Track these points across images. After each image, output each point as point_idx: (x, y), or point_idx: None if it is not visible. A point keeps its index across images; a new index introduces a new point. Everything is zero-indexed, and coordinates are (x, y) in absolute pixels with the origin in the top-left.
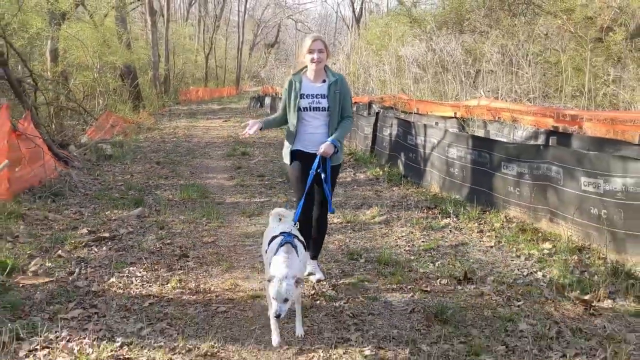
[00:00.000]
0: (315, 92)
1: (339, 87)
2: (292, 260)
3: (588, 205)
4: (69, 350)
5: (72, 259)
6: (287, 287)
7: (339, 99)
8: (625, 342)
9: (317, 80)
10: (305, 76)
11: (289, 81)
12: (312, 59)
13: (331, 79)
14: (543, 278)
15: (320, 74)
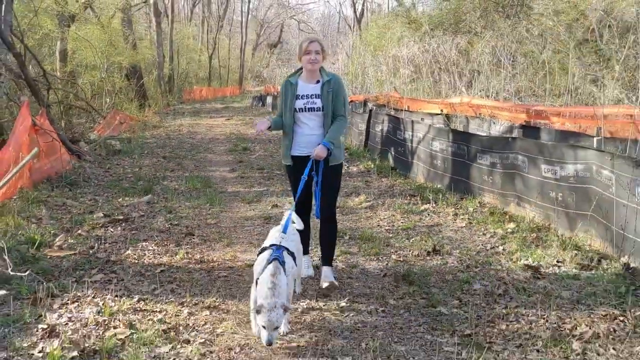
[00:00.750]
0: (310, 92)
1: (332, 86)
2: (279, 284)
3: (547, 190)
4: (95, 304)
5: (91, 237)
6: (277, 317)
7: (332, 97)
8: (559, 297)
9: (311, 81)
10: (301, 78)
11: (285, 83)
12: (308, 60)
13: (325, 78)
14: (502, 251)
15: (315, 74)
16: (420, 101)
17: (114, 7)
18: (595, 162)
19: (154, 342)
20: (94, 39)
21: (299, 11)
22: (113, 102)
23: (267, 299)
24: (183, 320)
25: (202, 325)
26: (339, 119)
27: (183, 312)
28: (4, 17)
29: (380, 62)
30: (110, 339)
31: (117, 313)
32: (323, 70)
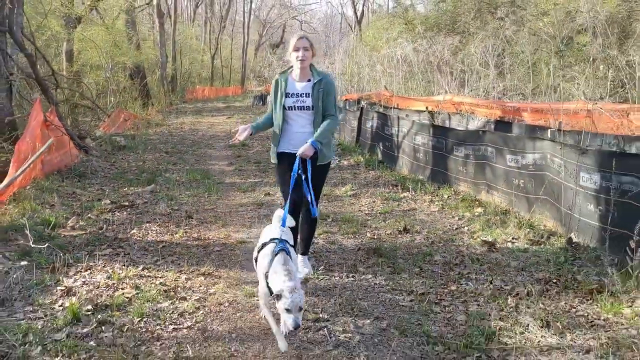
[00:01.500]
0: (300, 90)
1: (323, 86)
2: (291, 269)
3: (512, 178)
4: (105, 271)
5: (99, 220)
6: (300, 298)
7: (322, 97)
8: (507, 266)
9: (302, 79)
10: (291, 75)
11: (275, 81)
12: (297, 57)
13: (316, 77)
14: (466, 231)
15: (306, 72)
16: (409, 99)
17: (118, 9)
18: (549, 152)
19: (156, 299)
20: (98, 40)
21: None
22: (117, 100)
23: (285, 284)
24: (181, 284)
25: (197, 287)
26: (329, 118)
27: (181, 277)
28: (15, 19)
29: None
30: (119, 297)
31: (124, 278)
32: (314, 68)
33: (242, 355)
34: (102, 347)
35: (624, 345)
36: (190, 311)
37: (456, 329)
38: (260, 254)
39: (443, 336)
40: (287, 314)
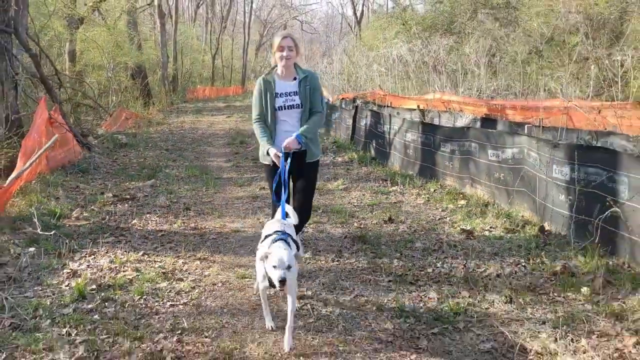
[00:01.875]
0: (288, 90)
1: (309, 83)
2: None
3: (493, 171)
4: (107, 256)
5: (102, 211)
6: (289, 255)
7: (309, 93)
8: (482, 252)
9: (288, 78)
10: (277, 75)
11: (262, 81)
12: (281, 57)
13: (301, 75)
14: (448, 221)
15: (290, 71)
16: (402, 98)
17: (120, 10)
18: (526, 146)
19: (155, 280)
20: (100, 40)
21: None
22: (119, 100)
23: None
24: (178, 267)
25: (193, 270)
26: (316, 115)
27: (178, 262)
28: (20, 20)
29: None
30: (121, 278)
31: (125, 262)
32: (298, 66)
33: (232, 327)
34: (106, 320)
35: (578, 318)
36: (186, 290)
37: (425, 303)
38: (261, 245)
39: (415, 310)
40: (274, 270)
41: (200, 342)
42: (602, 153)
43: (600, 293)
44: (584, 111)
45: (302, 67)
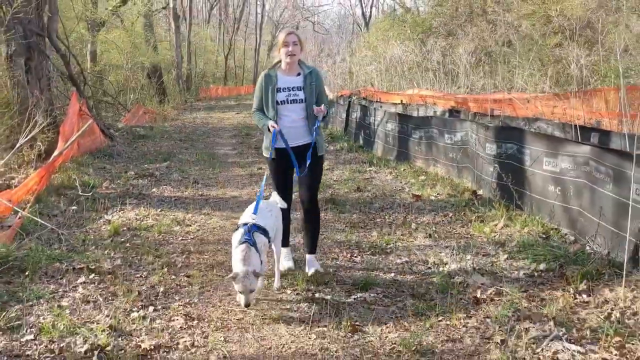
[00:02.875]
0: (291, 84)
1: (314, 79)
2: (249, 255)
3: (448, 152)
4: (133, 211)
5: (127, 184)
6: (250, 282)
7: (315, 91)
8: (423, 209)
9: (292, 73)
10: (280, 70)
11: (264, 75)
12: (286, 52)
13: (306, 71)
14: (406, 190)
15: (294, 67)
16: (388, 93)
17: (137, 13)
18: (469, 130)
19: (170, 225)
20: (119, 42)
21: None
22: (136, 97)
23: (238, 267)
24: (187, 218)
25: (198, 220)
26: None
27: (187, 215)
28: (52, 25)
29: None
30: (144, 224)
31: (147, 215)
32: (302, 62)
33: (225, 250)
34: (135, 246)
35: (475, 245)
36: (193, 231)
37: (368, 239)
38: (233, 236)
39: (359, 243)
40: (240, 294)
41: (202, 258)
42: (515, 132)
43: (497, 232)
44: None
45: (306, 64)
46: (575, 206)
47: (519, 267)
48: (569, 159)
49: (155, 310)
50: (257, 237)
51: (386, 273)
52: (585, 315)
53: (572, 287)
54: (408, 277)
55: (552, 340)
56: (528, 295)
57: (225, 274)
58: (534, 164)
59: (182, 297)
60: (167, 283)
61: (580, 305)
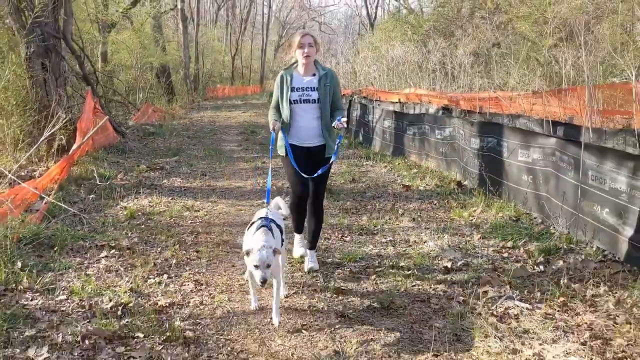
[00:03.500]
0: (305, 85)
1: (329, 81)
2: (267, 236)
3: (439, 147)
4: (146, 199)
5: (140, 176)
6: (267, 254)
7: (329, 92)
8: (411, 198)
9: (307, 74)
10: (296, 71)
11: (280, 76)
12: (302, 53)
13: (321, 72)
14: (398, 182)
15: (310, 67)
16: (387, 92)
17: (146, 14)
18: (457, 126)
19: (180, 211)
20: (129, 43)
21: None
22: (146, 97)
23: (256, 242)
24: (196, 205)
25: (206, 206)
26: (339, 112)
27: (196, 202)
28: (67, 27)
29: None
30: (157, 209)
31: (159, 202)
32: (318, 63)
33: (229, 231)
34: (149, 228)
35: (453, 227)
36: (201, 216)
37: (359, 222)
38: (247, 231)
39: (350, 225)
40: (255, 270)
41: (209, 237)
42: (495, 127)
43: (475, 217)
44: (504, 100)
45: (322, 65)
46: (543, 192)
47: (489, 245)
48: (539, 150)
49: (169, 277)
50: (274, 230)
51: (371, 250)
52: (538, 281)
53: (532, 260)
54: (390, 253)
55: (505, 299)
56: (493, 266)
57: (230, 250)
58: (510, 156)
59: (192, 267)
60: (178, 257)
61: (536, 274)
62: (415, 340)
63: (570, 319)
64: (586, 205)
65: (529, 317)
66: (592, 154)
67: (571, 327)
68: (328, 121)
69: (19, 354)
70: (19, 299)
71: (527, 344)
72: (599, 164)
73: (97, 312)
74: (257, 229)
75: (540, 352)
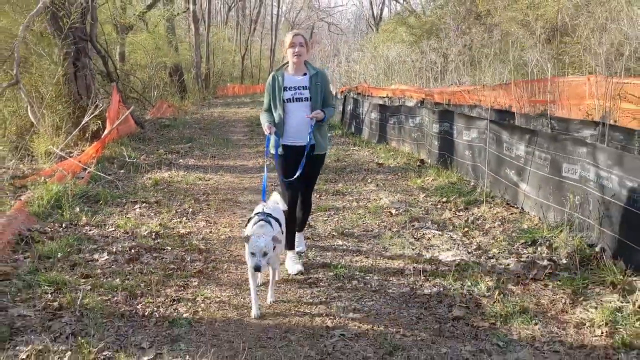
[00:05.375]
0: (297, 84)
1: (320, 80)
2: (265, 228)
3: (412, 133)
4: (167, 172)
5: (159, 157)
6: (266, 241)
7: (320, 90)
8: (381, 172)
9: (298, 74)
10: (287, 71)
11: (272, 77)
12: (293, 53)
13: (312, 71)
14: (375, 161)
15: (301, 67)
16: (377, 89)
17: (160, 17)
18: (424, 115)
19: (194, 180)
20: (145, 44)
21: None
22: (160, 94)
23: (255, 230)
24: (206, 176)
25: (214, 177)
26: (329, 108)
27: (207, 175)
28: (93, 30)
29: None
30: (175, 179)
31: (177, 174)
32: (309, 63)
33: (233, 192)
34: (170, 190)
35: (406, 190)
36: (211, 183)
37: (334, 188)
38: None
39: (327, 189)
40: (252, 257)
41: (217, 196)
42: (449, 114)
43: (426, 183)
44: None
45: (312, 65)
46: (478, 163)
47: (429, 200)
48: (476, 130)
49: (187, 219)
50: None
51: (340, 204)
52: (458, 223)
53: (455, 207)
54: (353, 205)
55: (425, 229)
56: (426, 212)
57: (232, 204)
58: (458, 136)
59: (204, 213)
60: (194, 207)
61: (456, 217)
62: (359, 250)
63: (467, 240)
64: (501, 170)
65: (438, 238)
66: (506, 131)
67: (465, 244)
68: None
69: (88, 257)
70: (81, 230)
71: (430, 252)
72: (510, 138)
73: (137, 236)
74: (254, 223)
75: (437, 256)
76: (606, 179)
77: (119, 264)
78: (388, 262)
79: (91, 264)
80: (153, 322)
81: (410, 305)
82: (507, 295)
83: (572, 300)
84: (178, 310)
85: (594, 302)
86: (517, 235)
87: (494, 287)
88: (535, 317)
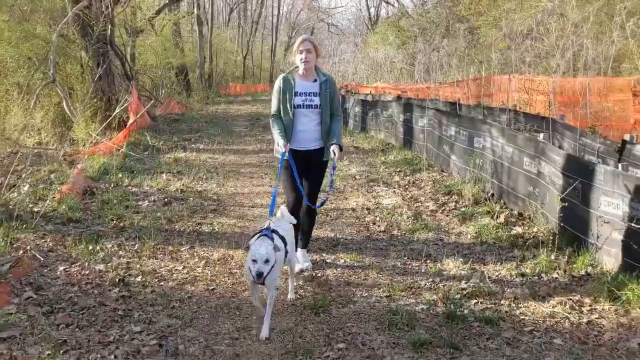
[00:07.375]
0: (308, 90)
1: (329, 86)
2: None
3: (385, 123)
4: (182, 153)
5: (175, 143)
6: (267, 248)
7: (329, 97)
8: (359, 153)
9: (308, 79)
10: (297, 75)
11: (283, 79)
12: (301, 59)
13: (322, 78)
14: (353, 145)
15: (311, 72)
16: (363, 86)
17: (167, 20)
18: (394, 107)
19: (205, 158)
20: (153, 46)
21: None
22: (167, 92)
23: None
24: (214, 156)
25: (220, 158)
26: (337, 119)
27: (214, 155)
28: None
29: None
30: (190, 158)
31: (191, 155)
32: (318, 69)
33: (236, 167)
34: (187, 166)
35: (371, 164)
36: (219, 161)
37: None
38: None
39: None
40: (253, 264)
41: (223, 169)
42: (409, 105)
43: (388, 159)
44: (427, 89)
45: (322, 70)
46: (428, 143)
47: (386, 170)
48: (426, 118)
49: (202, 181)
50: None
51: None
52: (402, 183)
53: (403, 173)
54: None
55: (377, 186)
56: (383, 179)
57: (236, 172)
58: (415, 123)
59: (214, 179)
60: (207, 175)
61: (402, 180)
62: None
63: (405, 193)
64: (441, 146)
65: (384, 192)
66: (445, 117)
67: (402, 195)
68: (327, 126)
69: (135, 203)
70: (126, 188)
71: (374, 199)
72: (447, 122)
73: (168, 191)
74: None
75: (380, 201)
76: (496, 146)
77: (158, 206)
78: (346, 204)
79: (138, 207)
80: (186, 233)
81: (354, 226)
82: (418, 220)
83: (461, 223)
84: (202, 228)
85: (474, 223)
86: (440, 189)
87: (412, 216)
88: (432, 230)
